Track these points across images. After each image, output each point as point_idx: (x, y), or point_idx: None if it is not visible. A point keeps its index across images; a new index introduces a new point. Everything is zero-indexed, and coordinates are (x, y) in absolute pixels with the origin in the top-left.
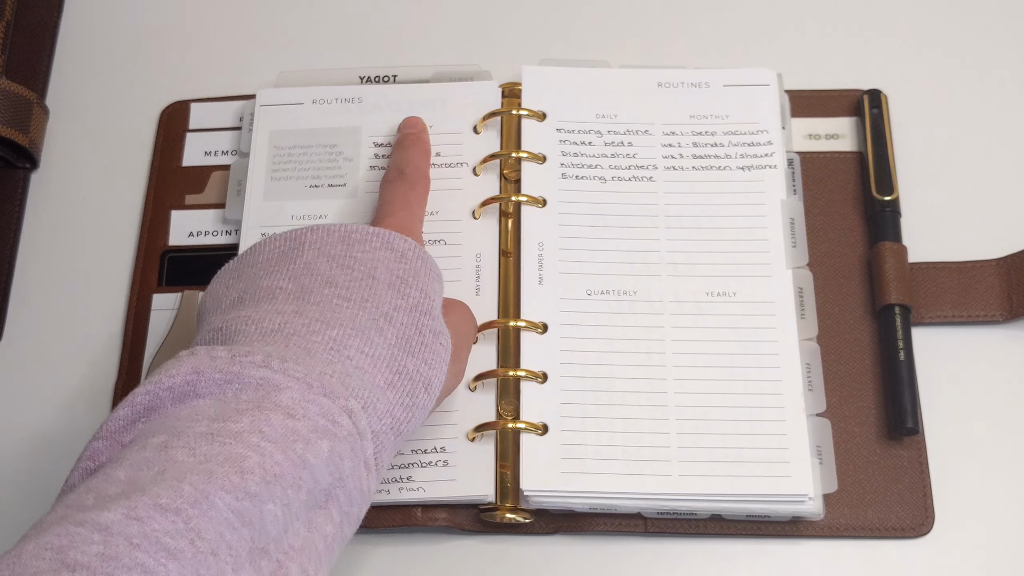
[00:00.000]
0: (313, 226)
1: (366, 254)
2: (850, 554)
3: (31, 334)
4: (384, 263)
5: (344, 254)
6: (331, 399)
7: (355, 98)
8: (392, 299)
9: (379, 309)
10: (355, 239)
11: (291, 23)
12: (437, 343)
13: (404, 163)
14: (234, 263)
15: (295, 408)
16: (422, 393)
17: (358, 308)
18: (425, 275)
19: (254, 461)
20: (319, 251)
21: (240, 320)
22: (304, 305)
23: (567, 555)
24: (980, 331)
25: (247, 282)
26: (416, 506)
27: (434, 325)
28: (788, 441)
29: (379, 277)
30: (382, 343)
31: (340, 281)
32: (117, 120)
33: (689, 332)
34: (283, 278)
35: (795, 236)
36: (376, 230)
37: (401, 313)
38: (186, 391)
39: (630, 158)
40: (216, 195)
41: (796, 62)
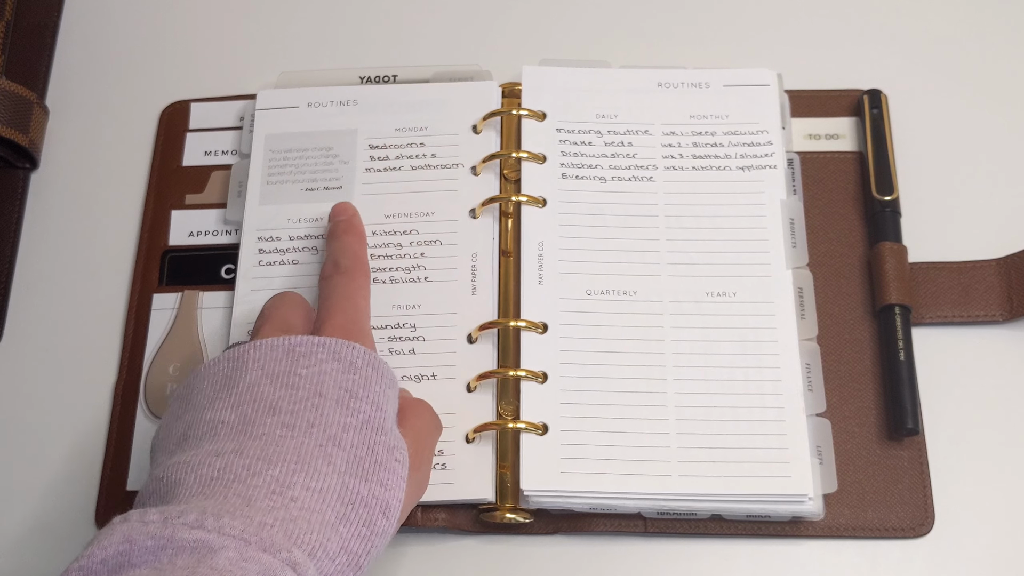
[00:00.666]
0: (257, 342)
1: (311, 368)
2: (850, 554)
3: (31, 334)
4: (331, 375)
5: (288, 371)
6: (271, 554)
7: (351, 100)
8: (341, 418)
9: (326, 432)
10: (299, 352)
11: (291, 23)
12: (392, 459)
13: (339, 254)
14: (183, 388)
15: (232, 571)
16: (380, 519)
17: (303, 436)
18: (377, 383)
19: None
20: (263, 371)
21: (180, 468)
22: (245, 441)
23: (567, 555)
24: (980, 331)
25: (193, 413)
26: (415, 506)
27: (387, 440)
28: (788, 441)
29: (326, 394)
30: (331, 472)
31: (284, 406)
32: (117, 120)
33: (689, 332)
34: (225, 408)
35: (795, 236)
36: (321, 340)
37: (351, 433)
38: (120, 562)
39: (630, 158)
40: (216, 195)
41: (796, 62)
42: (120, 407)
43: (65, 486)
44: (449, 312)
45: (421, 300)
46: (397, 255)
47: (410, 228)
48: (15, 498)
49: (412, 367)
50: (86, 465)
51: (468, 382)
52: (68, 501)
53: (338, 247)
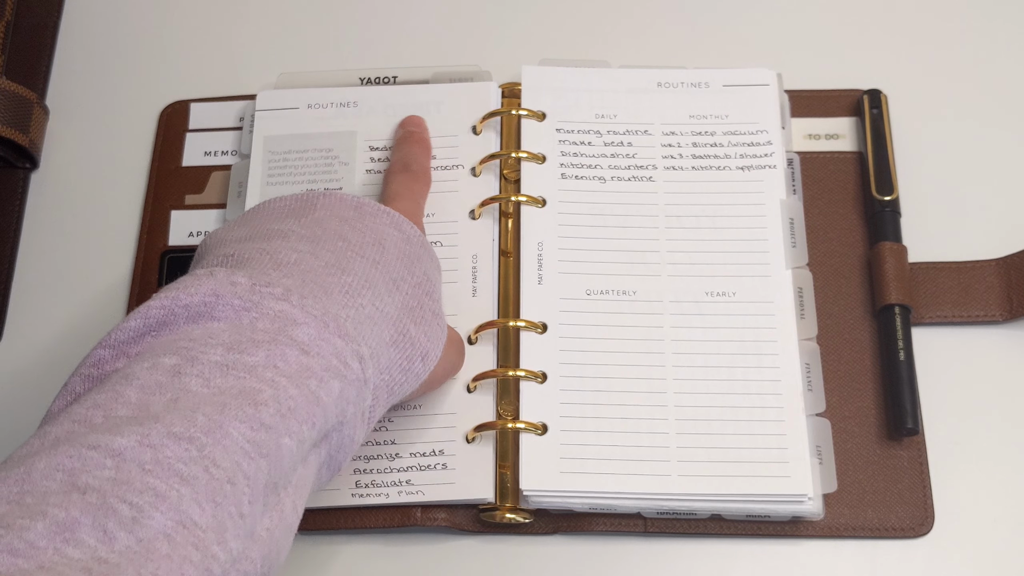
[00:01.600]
0: (326, 191)
1: (376, 225)
2: (850, 554)
3: (31, 334)
4: (391, 238)
5: (355, 219)
6: (345, 341)
7: (351, 102)
8: (399, 269)
9: (388, 273)
10: (367, 211)
11: (291, 23)
12: (436, 323)
13: (409, 158)
14: (241, 216)
15: (310, 345)
16: (419, 362)
17: (371, 266)
18: (428, 262)
19: (268, 394)
20: (330, 212)
21: (253, 250)
22: (318, 249)
23: (567, 555)
24: (980, 331)
25: (257, 224)
26: (416, 506)
27: (434, 307)
28: (787, 441)
29: (387, 247)
30: (391, 303)
31: (352, 239)
32: (117, 120)
33: (689, 332)
34: (295, 224)
35: (795, 236)
36: (386, 209)
37: (407, 284)
38: (202, 311)
39: (630, 158)
40: (216, 195)
41: (796, 62)
42: None
43: None
44: (450, 313)
45: None
46: None
47: None
48: None
49: None
50: None
51: (468, 382)
52: None
53: (409, 152)
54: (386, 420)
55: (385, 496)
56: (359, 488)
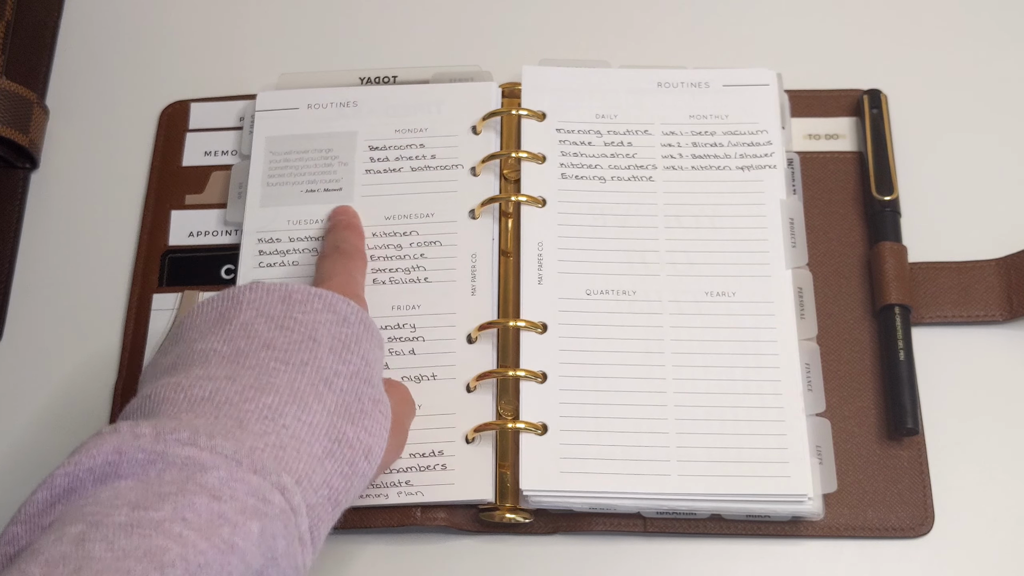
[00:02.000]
0: (252, 284)
1: (307, 315)
2: (850, 554)
3: (31, 334)
4: (325, 326)
5: (284, 315)
6: (261, 476)
7: (351, 102)
8: (333, 364)
9: (319, 374)
10: (296, 299)
11: (291, 23)
12: (377, 411)
13: (339, 240)
14: (175, 328)
15: (221, 489)
16: (362, 461)
17: (296, 372)
18: (367, 341)
19: (175, 553)
20: (257, 311)
21: (169, 387)
22: (238, 369)
23: (567, 555)
24: (980, 331)
25: (183, 346)
26: (415, 506)
27: (374, 393)
28: (787, 441)
29: (320, 340)
30: (320, 410)
31: (279, 343)
32: (117, 120)
33: (688, 332)
34: (218, 340)
35: (794, 236)
36: (318, 291)
37: (341, 379)
38: (107, 472)
39: (630, 158)
40: (216, 195)
41: (796, 62)
42: (120, 407)
43: None
44: (449, 312)
45: (421, 300)
46: (397, 256)
47: (410, 229)
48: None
49: (412, 367)
50: None
51: (468, 382)
52: None
53: (338, 236)
54: None
55: (384, 497)
56: None
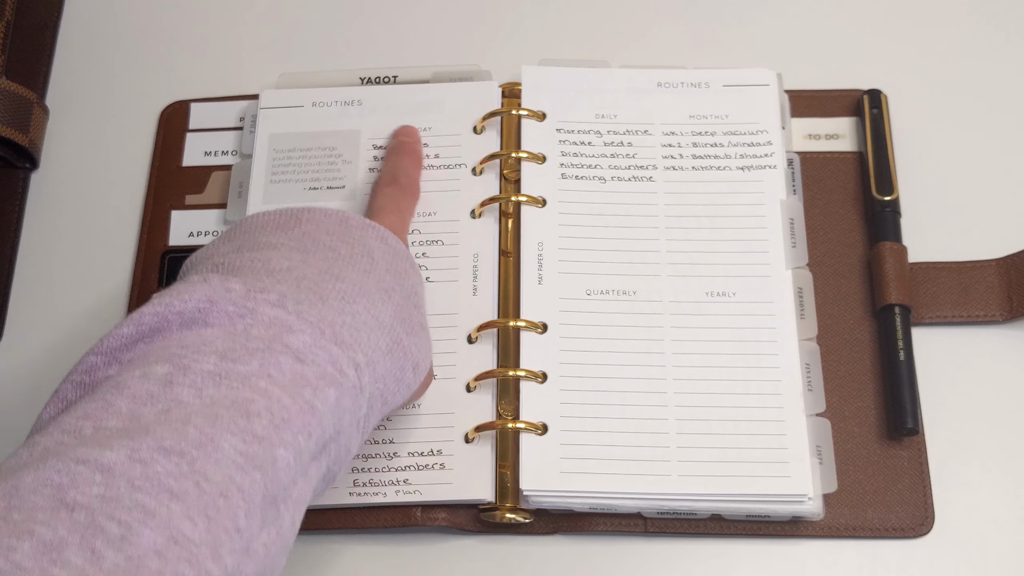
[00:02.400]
0: (309, 207)
1: (362, 239)
2: (850, 554)
3: (31, 334)
4: (379, 250)
5: (342, 232)
6: (341, 348)
7: (354, 101)
8: (390, 280)
9: (379, 283)
10: (352, 224)
11: (291, 24)
12: (423, 335)
13: (398, 170)
14: (226, 231)
15: (305, 353)
16: (410, 372)
17: (362, 275)
18: (415, 276)
19: (261, 405)
20: (316, 225)
21: (244, 258)
22: (311, 259)
23: (567, 555)
24: (980, 331)
25: (243, 240)
26: (415, 506)
27: (421, 319)
28: (787, 441)
29: (376, 259)
30: (385, 311)
31: (342, 250)
32: (117, 120)
33: (689, 332)
34: (283, 237)
35: (795, 236)
36: (372, 223)
37: (397, 295)
38: (196, 318)
39: (630, 158)
40: (216, 195)
41: (796, 62)
42: None
43: None
44: (450, 312)
45: None
46: None
47: (412, 228)
48: None
49: None
50: None
51: (468, 382)
52: None
53: (399, 164)
54: (385, 420)
55: (383, 495)
56: (357, 487)
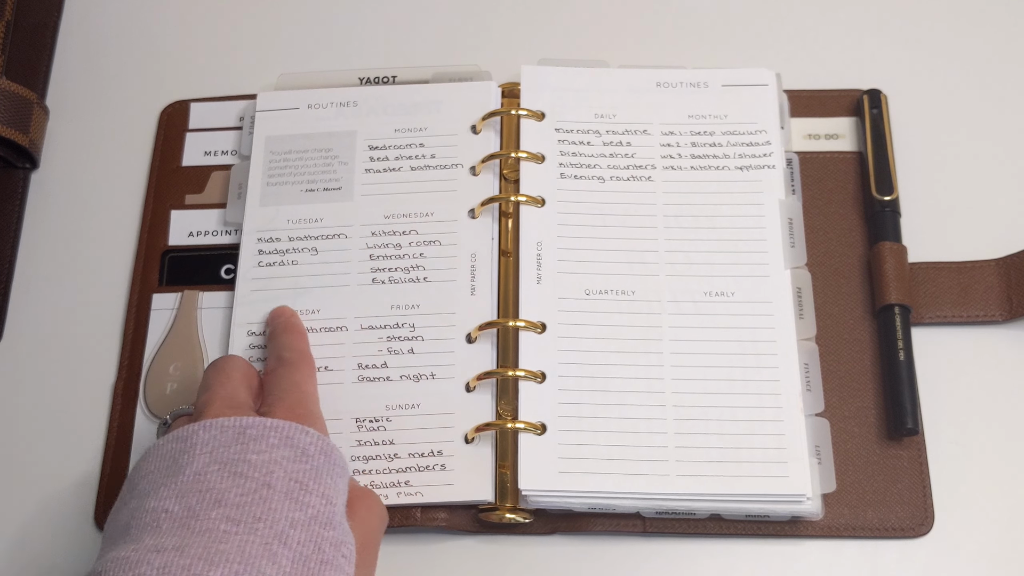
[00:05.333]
0: (207, 422)
1: (262, 455)
2: (850, 554)
3: (31, 334)
4: (282, 464)
5: (238, 457)
6: None
7: (350, 102)
8: (289, 512)
9: (273, 529)
10: (250, 436)
11: (291, 24)
12: (338, 556)
13: (281, 349)
14: (133, 471)
15: None
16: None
17: (248, 533)
18: (328, 473)
19: None
20: (211, 456)
21: (119, 564)
22: (188, 536)
23: (566, 555)
24: (980, 331)
25: (137, 501)
26: (415, 507)
27: (335, 536)
28: (786, 441)
29: (275, 485)
30: (275, 573)
31: (230, 498)
32: (117, 120)
33: (687, 332)
34: (169, 497)
35: (793, 236)
36: (274, 423)
37: (298, 529)
38: None
39: (629, 158)
40: (216, 195)
41: (796, 62)
42: (120, 407)
43: (65, 486)
44: (448, 312)
45: (420, 300)
46: (396, 255)
47: (409, 228)
48: (15, 498)
49: (411, 367)
50: (85, 465)
51: (467, 382)
52: (68, 501)
53: (280, 343)
54: (384, 420)
55: (384, 497)
56: None
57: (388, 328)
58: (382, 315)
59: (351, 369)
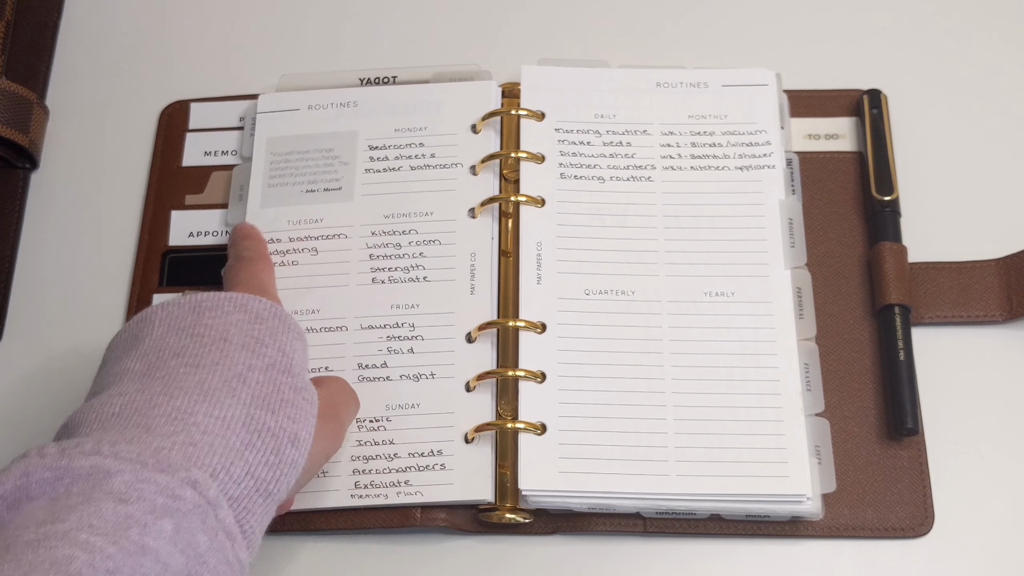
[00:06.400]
0: (163, 303)
1: (217, 319)
2: (850, 554)
3: (31, 334)
4: (237, 326)
5: (194, 324)
6: (169, 474)
7: (351, 102)
8: (246, 359)
9: (232, 370)
10: (205, 307)
11: (291, 24)
12: (300, 398)
13: (240, 249)
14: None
15: (127, 492)
16: (288, 448)
17: (207, 372)
18: (283, 334)
19: (82, 561)
20: (168, 327)
21: (83, 411)
22: (148, 382)
23: (566, 555)
24: (980, 331)
25: (102, 373)
26: (415, 507)
27: (294, 382)
28: (786, 441)
29: (231, 339)
30: (235, 404)
31: (189, 350)
32: (117, 120)
33: (687, 332)
34: (131, 360)
35: (793, 236)
36: (228, 295)
37: (256, 372)
38: (19, 496)
39: (629, 158)
40: (216, 195)
41: (796, 62)
42: None
43: None
44: (448, 312)
45: (420, 300)
46: (396, 255)
47: (409, 228)
48: None
49: (411, 367)
50: None
51: (467, 382)
52: None
53: (239, 247)
54: (384, 420)
55: (384, 497)
56: (358, 489)
57: (388, 328)
58: (382, 315)
59: (351, 369)
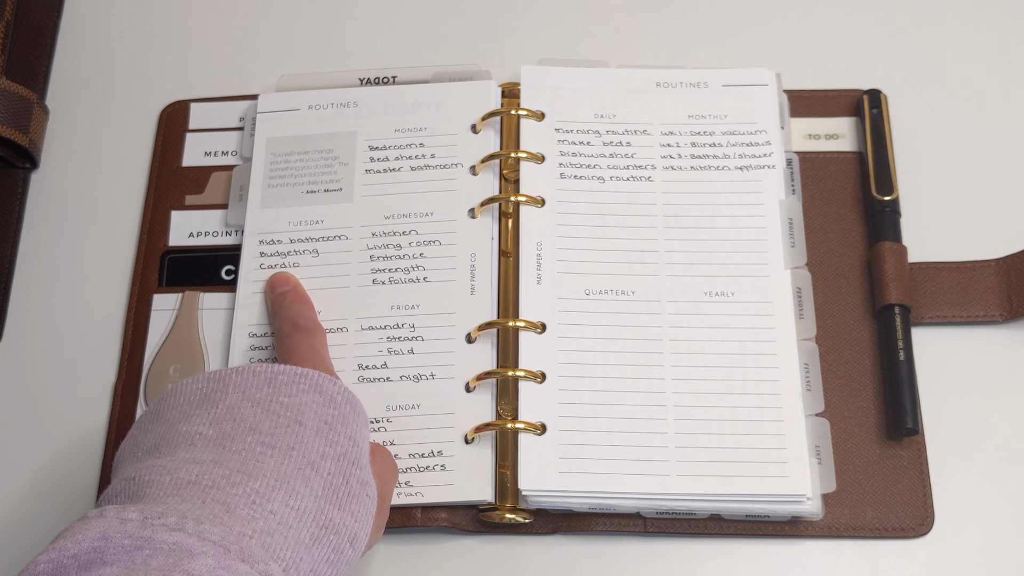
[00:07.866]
0: (238, 367)
1: (293, 398)
2: (850, 554)
3: (31, 334)
4: (311, 407)
5: (270, 398)
6: (249, 564)
7: (350, 103)
8: (320, 446)
9: (306, 457)
10: (281, 381)
11: (291, 24)
12: (364, 494)
13: (295, 316)
14: (155, 405)
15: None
16: (347, 548)
17: (284, 456)
18: (354, 421)
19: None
20: (243, 395)
21: (154, 470)
22: (224, 454)
23: (566, 555)
24: (980, 331)
25: (165, 427)
26: (416, 507)
27: (361, 475)
28: (786, 441)
29: (306, 423)
30: (308, 494)
31: (264, 427)
32: (117, 120)
33: (687, 332)
34: (203, 423)
35: (793, 236)
36: (304, 371)
37: (328, 462)
38: (93, 558)
39: (628, 158)
40: (216, 195)
41: (796, 62)
42: (120, 407)
43: (64, 486)
44: (448, 312)
45: (420, 300)
46: (396, 255)
47: (409, 228)
48: (15, 498)
49: (411, 367)
50: (85, 465)
51: (467, 382)
52: (67, 501)
53: (293, 312)
54: (384, 421)
55: None
56: None
57: (388, 328)
58: (382, 315)
59: (351, 370)
